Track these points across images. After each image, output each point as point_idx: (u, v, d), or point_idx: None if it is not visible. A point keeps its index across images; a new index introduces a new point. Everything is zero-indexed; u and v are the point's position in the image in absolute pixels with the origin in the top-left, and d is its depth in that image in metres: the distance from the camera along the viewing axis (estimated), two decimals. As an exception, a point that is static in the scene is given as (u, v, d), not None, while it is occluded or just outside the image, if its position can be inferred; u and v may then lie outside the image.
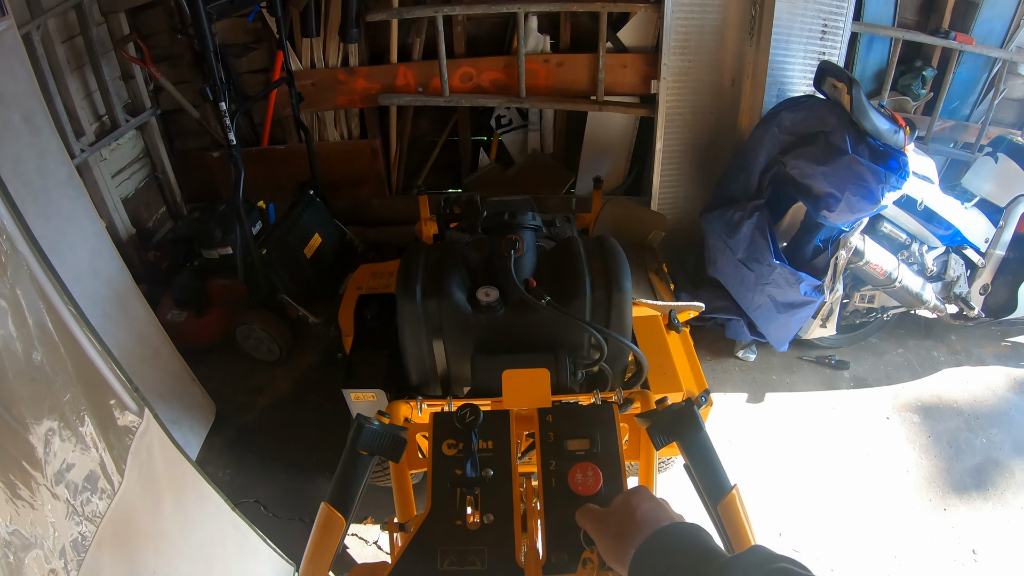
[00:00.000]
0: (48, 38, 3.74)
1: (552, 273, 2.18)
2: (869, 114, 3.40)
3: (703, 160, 4.55)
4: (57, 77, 3.83)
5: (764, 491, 3.48)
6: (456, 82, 4.64)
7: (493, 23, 4.69)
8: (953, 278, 4.01)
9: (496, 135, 5.18)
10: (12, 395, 1.57)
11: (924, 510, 3.42)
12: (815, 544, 3.27)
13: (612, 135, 4.97)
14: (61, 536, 1.66)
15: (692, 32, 4.17)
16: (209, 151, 4.82)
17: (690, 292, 4.23)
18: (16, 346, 1.60)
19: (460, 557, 1.46)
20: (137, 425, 2.08)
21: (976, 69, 4.64)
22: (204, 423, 3.74)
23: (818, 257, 3.81)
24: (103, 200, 4.15)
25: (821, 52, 4.25)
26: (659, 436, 1.54)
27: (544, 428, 1.67)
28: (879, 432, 3.81)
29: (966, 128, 4.80)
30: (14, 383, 1.57)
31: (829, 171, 3.47)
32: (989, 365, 4.24)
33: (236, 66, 4.57)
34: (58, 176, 3.03)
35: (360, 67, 4.61)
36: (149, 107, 4.57)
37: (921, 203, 3.73)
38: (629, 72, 4.54)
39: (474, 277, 2.16)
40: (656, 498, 1.19)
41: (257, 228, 4.03)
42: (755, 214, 3.77)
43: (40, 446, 1.65)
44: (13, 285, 1.60)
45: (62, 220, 3.02)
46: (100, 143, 4.13)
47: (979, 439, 3.76)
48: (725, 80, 4.35)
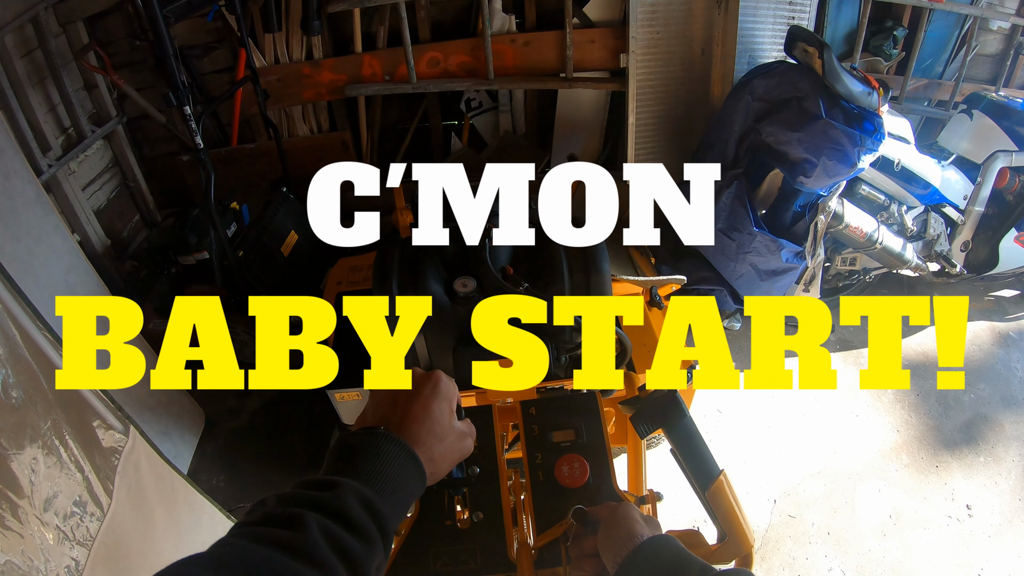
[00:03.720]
0: (6, 54, 3.66)
1: (529, 258, 2.16)
2: (841, 77, 3.39)
3: (677, 132, 4.53)
4: (18, 93, 3.75)
5: (756, 459, 3.50)
6: (423, 68, 4.59)
7: (457, 6, 4.63)
8: (933, 236, 4.03)
9: (467, 119, 5.14)
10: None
11: (916, 468, 3.45)
12: (809, 509, 3.30)
13: (584, 112, 4.94)
14: (54, 563, 1.66)
15: (659, 3, 4.13)
16: (179, 155, 4.75)
17: (671, 264, 4.21)
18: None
19: (453, 557, 1.45)
20: (123, 444, 2.07)
21: (947, 27, 4.63)
22: (195, 431, 3.71)
23: (798, 223, 3.81)
24: (75, 214, 4.08)
25: (791, 17, 4.23)
26: (643, 425, 1.53)
27: (528, 421, 1.66)
28: (867, 394, 3.83)
29: (940, 86, 4.81)
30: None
31: (804, 137, 3.46)
32: (974, 321, 4.27)
33: (199, 67, 4.49)
34: (25, 196, 2.98)
35: (325, 59, 4.55)
36: (115, 115, 4.48)
37: (898, 164, 3.73)
38: (597, 47, 4.50)
39: (450, 268, 2.14)
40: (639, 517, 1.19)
41: (232, 230, 3.99)
42: (733, 183, 3.76)
43: (25, 475, 1.63)
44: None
45: (32, 240, 2.98)
46: (67, 156, 4.05)
47: (967, 395, 3.78)
48: (695, 50, 4.32)
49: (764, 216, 3.91)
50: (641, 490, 1.76)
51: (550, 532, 1.37)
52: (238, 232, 4.05)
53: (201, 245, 3.90)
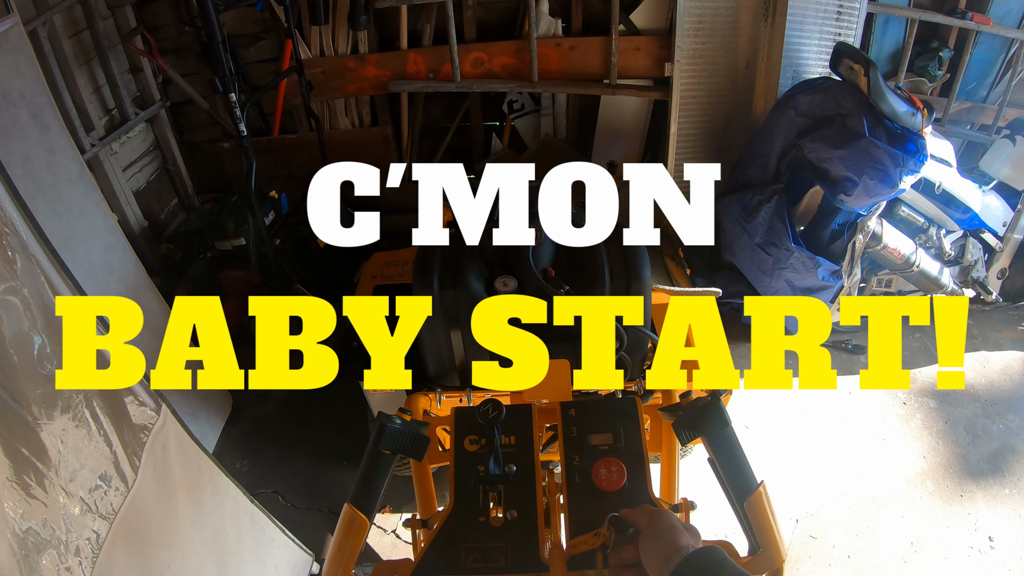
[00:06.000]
0: (55, 34, 3.72)
1: (570, 262, 2.16)
2: (886, 96, 3.36)
3: (718, 144, 4.51)
4: (65, 73, 3.81)
5: (781, 477, 3.47)
6: (467, 68, 4.60)
7: (504, 7, 4.64)
8: (971, 262, 3.98)
9: (508, 120, 5.15)
10: (24, 395, 1.56)
11: (941, 496, 3.40)
12: (831, 531, 3.26)
13: (626, 119, 4.93)
14: (75, 534, 1.66)
15: (706, 14, 4.13)
16: (219, 142, 4.81)
17: (706, 277, 4.19)
18: (28, 344, 1.59)
19: (484, 554, 1.45)
20: (153, 422, 2.08)
21: (993, 50, 4.57)
22: (221, 415, 3.76)
23: (836, 241, 3.78)
24: (115, 194, 4.15)
25: (837, 33, 4.20)
26: (684, 432, 1.54)
27: (567, 422, 1.66)
28: (896, 418, 3.78)
29: (983, 110, 4.74)
30: (26, 382, 1.57)
31: (846, 154, 3.44)
32: (1006, 350, 4.19)
33: (244, 56, 4.54)
34: (68, 173, 3.02)
35: (370, 54, 4.58)
36: (158, 100, 4.56)
37: (939, 186, 3.70)
38: (642, 55, 4.49)
39: (491, 267, 2.15)
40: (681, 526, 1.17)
41: (270, 218, 4.03)
42: (774, 198, 3.75)
43: (54, 445, 1.65)
44: (24, 283, 1.59)
45: (73, 216, 3.02)
46: (110, 137, 4.12)
47: (996, 425, 3.72)
48: (740, 63, 4.30)
49: (802, 233, 3.88)
50: (674, 498, 1.76)
51: (584, 540, 1.36)
52: (275, 220, 4.08)
53: (239, 231, 3.93)
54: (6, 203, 1.59)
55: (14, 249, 1.58)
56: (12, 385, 1.53)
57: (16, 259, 1.58)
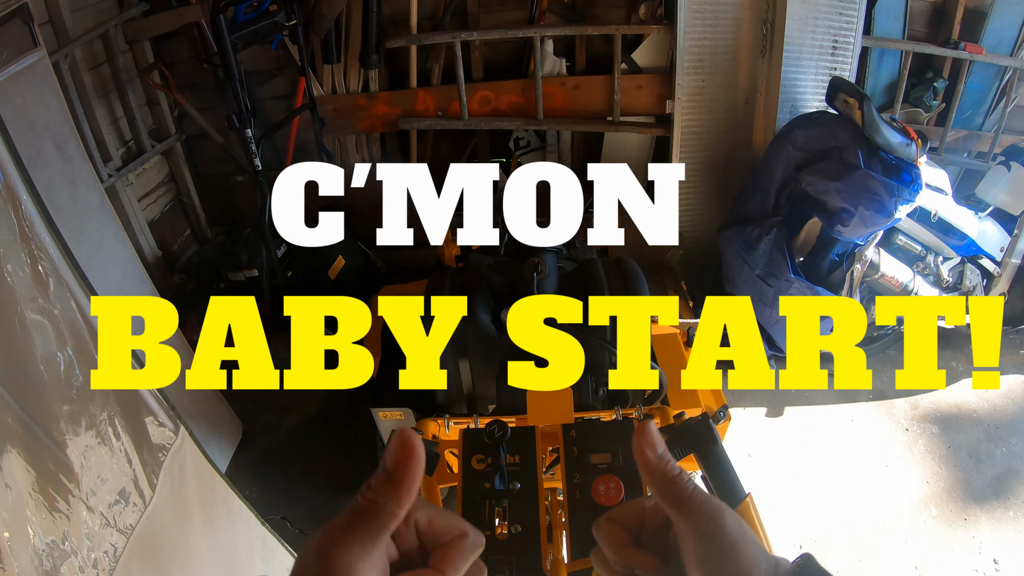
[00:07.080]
0: (75, 67, 3.85)
1: (573, 295, 2.22)
2: (881, 128, 3.44)
3: (719, 178, 4.59)
4: (84, 104, 3.94)
5: (784, 504, 3.48)
6: (475, 106, 4.71)
7: (510, 48, 4.76)
8: (969, 288, 4.02)
9: (515, 157, 5.22)
10: (52, 412, 1.63)
11: (944, 521, 3.41)
12: (835, 557, 3.27)
13: (628, 154, 5.00)
14: (94, 547, 1.72)
15: (705, 52, 4.22)
16: (233, 175, 4.92)
17: (708, 308, 4.24)
18: (56, 363, 1.66)
19: (490, 566, 1.50)
20: (172, 442, 2.14)
21: (987, 79, 4.65)
22: (231, 442, 3.80)
23: (834, 271, 3.83)
24: (130, 223, 4.24)
25: (833, 68, 4.29)
26: (677, 449, 1.59)
27: (568, 443, 1.72)
28: (898, 444, 3.81)
29: (979, 137, 4.81)
30: (54, 400, 1.64)
31: (843, 186, 3.50)
32: (1008, 374, 4.21)
33: (259, 93, 4.66)
34: (89, 202, 3.11)
35: (381, 92, 4.69)
36: (174, 132, 4.68)
37: (935, 214, 3.75)
38: (644, 93, 4.59)
39: (498, 299, 2.21)
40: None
41: (282, 251, 4.11)
42: (773, 230, 3.80)
43: (77, 461, 1.71)
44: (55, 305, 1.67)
45: (93, 245, 3.10)
46: (127, 168, 4.24)
47: (999, 449, 3.75)
48: (739, 99, 4.40)
49: (802, 264, 3.93)
50: None
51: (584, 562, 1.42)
52: (287, 253, 4.16)
53: (251, 263, 4.02)
54: (40, 229, 1.67)
55: (48, 272, 1.66)
56: (41, 402, 1.61)
57: (49, 282, 1.67)
